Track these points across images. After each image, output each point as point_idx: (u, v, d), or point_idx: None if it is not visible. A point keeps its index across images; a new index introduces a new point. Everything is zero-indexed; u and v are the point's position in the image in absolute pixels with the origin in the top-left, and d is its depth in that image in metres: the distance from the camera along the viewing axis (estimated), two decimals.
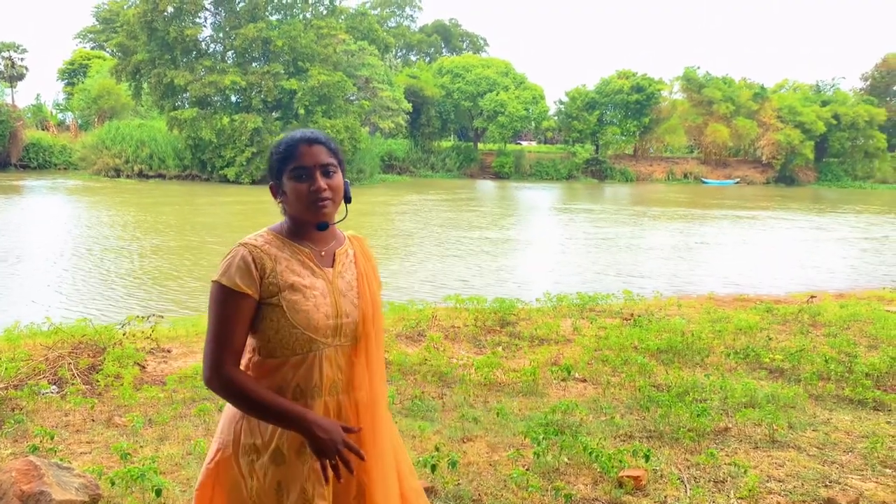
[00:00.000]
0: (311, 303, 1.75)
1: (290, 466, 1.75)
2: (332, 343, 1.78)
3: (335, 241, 1.89)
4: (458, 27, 73.90)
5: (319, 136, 1.83)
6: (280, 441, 1.75)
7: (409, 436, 4.16)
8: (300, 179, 1.78)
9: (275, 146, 1.84)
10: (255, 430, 1.76)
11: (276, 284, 1.74)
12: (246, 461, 1.76)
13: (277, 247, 1.79)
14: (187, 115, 37.21)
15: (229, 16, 39.06)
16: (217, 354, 1.70)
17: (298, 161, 1.78)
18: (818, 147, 54.15)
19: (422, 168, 50.73)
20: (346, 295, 1.83)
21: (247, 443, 1.76)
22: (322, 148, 1.81)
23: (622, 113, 53.93)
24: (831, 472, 3.75)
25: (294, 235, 1.83)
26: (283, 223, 1.86)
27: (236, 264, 1.73)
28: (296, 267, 1.78)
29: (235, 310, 1.71)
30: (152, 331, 6.46)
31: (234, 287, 1.71)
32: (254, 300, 1.73)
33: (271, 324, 1.73)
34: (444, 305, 8.68)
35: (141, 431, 4.26)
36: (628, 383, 5.30)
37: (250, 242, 1.77)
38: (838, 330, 7.24)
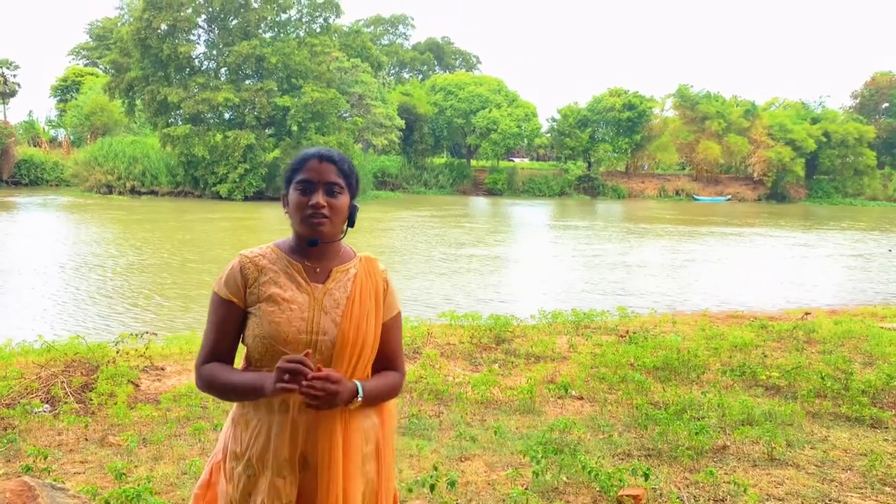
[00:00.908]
0: (283, 315, 1.76)
1: (257, 477, 1.77)
2: None
3: (337, 258, 1.87)
4: (450, 45, 74.32)
5: (333, 155, 1.82)
6: (252, 451, 1.78)
7: (406, 455, 4.13)
8: (302, 192, 1.79)
9: (290, 160, 1.88)
10: (238, 438, 1.81)
11: (257, 295, 1.79)
12: (229, 467, 1.82)
13: (270, 259, 1.82)
14: (180, 132, 37.20)
15: (223, 33, 39.18)
16: (203, 357, 1.82)
17: (305, 174, 1.79)
18: (809, 164, 54.55)
19: (415, 184, 50.82)
20: (330, 312, 1.79)
21: (233, 449, 1.82)
22: (332, 167, 1.80)
23: (614, 130, 54.23)
24: (831, 490, 3.74)
25: (292, 250, 1.86)
26: (289, 238, 1.89)
27: (227, 273, 1.82)
28: (281, 280, 1.80)
29: (220, 315, 1.80)
30: (146, 348, 6.42)
31: (221, 294, 1.80)
32: (238, 308, 1.80)
33: (250, 331, 1.79)
34: (439, 322, 8.66)
35: (135, 451, 4.21)
36: (625, 401, 5.28)
37: (245, 254, 1.84)
38: (833, 347, 7.26)
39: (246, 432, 1.78)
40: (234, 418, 1.84)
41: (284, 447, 1.74)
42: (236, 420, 1.82)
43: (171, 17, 36.74)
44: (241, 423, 1.80)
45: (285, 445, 1.74)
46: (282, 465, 1.74)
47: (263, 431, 1.76)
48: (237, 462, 1.79)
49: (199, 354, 1.82)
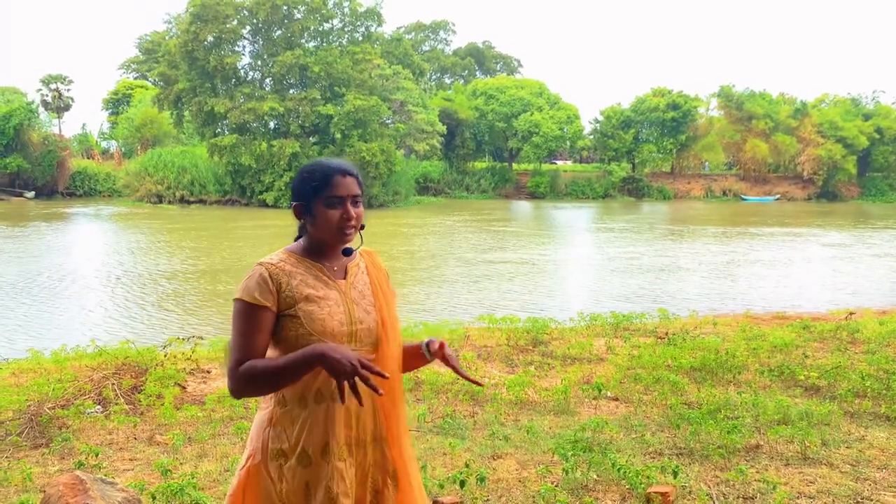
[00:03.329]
0: (325, 311, 1.89)
1: (315, 467, 1.86)
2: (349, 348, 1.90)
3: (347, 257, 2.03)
4: (491, 49, 74.35)
5: (352, 169, 1.97)
6: (305, 443, 1.86)
7: (439, 453, 4.23)
8: (333, 207, 1.92)
9: (308, 171, 1.96)
10: (282, 436, 1.88)
11: (293, 297, 1.88)
12: (274, 466, 1.87)
13: (292, 264, 1.93)
14: (227, 142, 38.01)
15: (267, 44, 39.94)
16: (237, 361, 1.84)
17: (334, 190, 1.91)
18: (861, 162, 53.12)
19: (457, 189, 50.95)
20: (359, 303, 1.96)
21: (274, 448, 1.88)
22: (353, 180, 1.95)
23: (658, 131, 53.56)
24: (864, 488, 3.72)
25: (309, 253, 1.97)
26: (299, 242, 2.00)
27: (255, 281, 1.88)
28: (310, 281, 1.92)
29: (255, 322, 1.85)
30: (192, 352, 6.64)
31: (254, 301, 1.86)
32: (272, 312, 1.87)
33: (291, 333, 1.87)
34: (478, 325, 8.74)
35: (181, 449, 4.40)
36: (660, 401, 5.30)
37: (267, 262, 1.92)
38: (877, 347, 7.12)
39: (293, 427, 1.87)
40: (271, 419, 1.89)
41: (341, 432, 1.88)
42: (276, 419, 1.89)
43: (217, 29, 37.61)
44: (283, 421, 1.88)
45: (342, 430, 1.88)
46: (342, 449, 1.87)
47: (320, 421, 1.86)
48: (286, 458, 1.86)
49: (232, 361, 1.84)
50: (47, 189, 45.00)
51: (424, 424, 4.81)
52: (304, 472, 1.86)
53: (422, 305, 11.88)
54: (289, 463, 1.86)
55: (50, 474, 3.96)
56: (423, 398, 5.51)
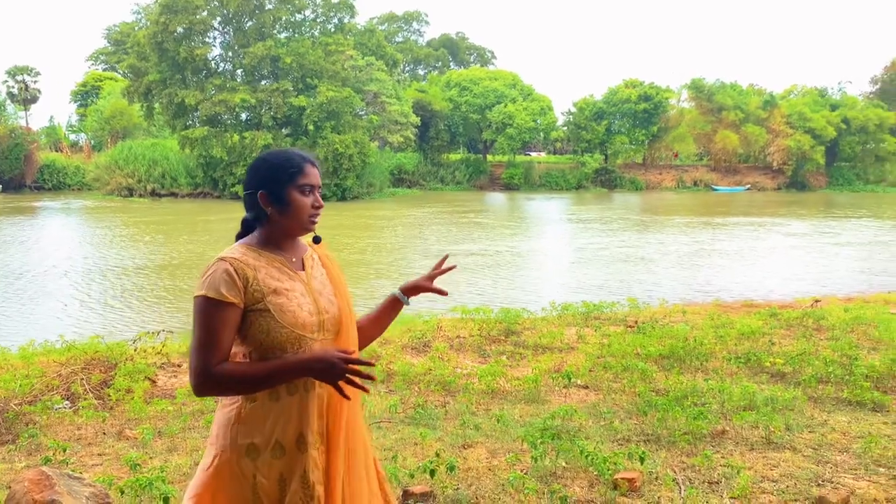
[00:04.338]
0: (294, 303, 1.89)
1: (290, 458, 1.86)
2: (317, 338, 1.92)
3: (300, 248, 2.04)
4: (465, 40, 74.29)
5: (316, 159, 2.01)
6: (280, 436, 1.86)
7: (410, 443, 4.26)
8: (305, 195, 1.94)
9: (281, 159, 1.95)
10: (253, 431, 1.86)
11: (261, 291, 1.86)
12: (247, 461, 1.85)
13: (254, 258, 1.91)
14: (198, 134, 37.61)
15: (238, 35, 39.52)
16: (204, 360, 1.80)
17: (308, 178, 1.94)
18: (829, 152, 53.93)
19: (431, 181, 50.89)
20: (322, 293, 1.98)
21: (244, 443, 1.85)
22: (318, 171, 2.00)
23: (630, 122, 53.91)
24: (825, 471, 3.81)
25: (267, 246, 1.96)
26: (254, 235, 1.97)
27: (220, 277, 1.84)
28: (274, 273, 1.91)
29: (222, 319, 1.82)
30: (163, 346, 6.60)
31: (221, 297, 1.82)
32: (239, 309, 1.84)
33: (261, 327, 1.85)
34: (451, 316, 8.77)
35: (151, 443, 4.37)
36: (629, 389, 5.37)
37: (230, 256, 1.88)
38: (841, 333, 7.27)
39: (266, 421, 1.85)
40: (240, 415, 1.86)
41: (314, 422, 1.89)
42: (245, 415, 1.86)
43: (187, 20, 37.12)
44: (254, 416, 1.86)
45: (315, 420, 1.89)
46: (316, 438, 1.89)
47: (294, 412, 1.87)
48: (259, 452, 1.85)
49: (199, 360, 1.80)
50: (14, 183, 44.23)
51: (396, 415, 4.83)
52: (279, 463, 1.85)
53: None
54: (262, 457, 1.85)
55: (16, 470, 3.92)
56: (395, 389, 5.53)
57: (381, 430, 4.55)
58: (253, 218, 1.98)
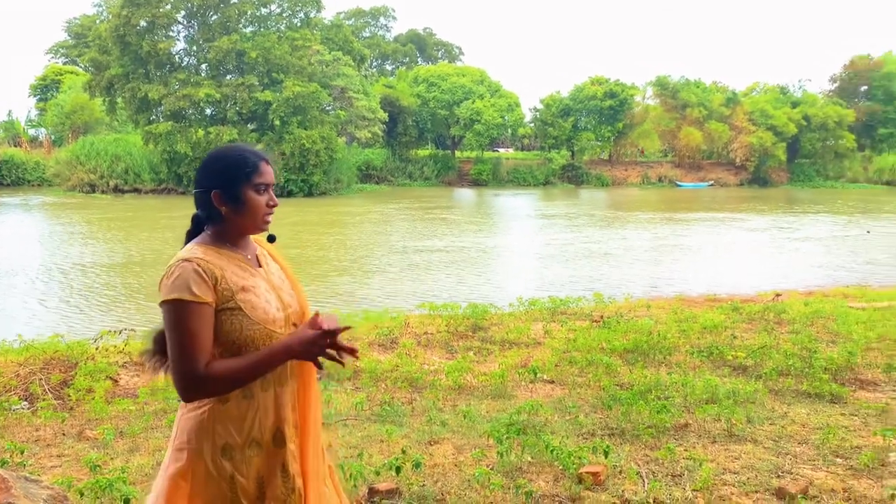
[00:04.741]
0: (262, 299, 1.89)
1: (268, 454, 1.86)
2: (284, 333, 1.91)
3: (252, 245, 2.02)
4: (432, 36, 74.11)
5: (270, 156, 1.99)
6: (256, 433, 1.85)
7: (376, 440, 4.25)
8: (261, 193, 1.91)
9: (237, 156, 1.90)
10: (228, 430, 1.83)
11: (230, 289, 1.84)
12: (224, 462, 1.82)
13: (216, 257, 1.87)
14: (162, 129, 37.01)
15: (202, 29, 38.96)
16: (191, 364, 1.75)
17: (263, 177, 1.91)
18: (790, 148, 54.85)
19: (400, 177, 50.76)
20: (283, 288, 1.99)
21: (220, 444, 1.82)
22: (272, 168, 1.97)
23: (596, 119, 54.32)
24: (784, 462, 3.88)
25: (223, 244, 1.92)
26: (207, 235, 1.93)
27: (190, 277, 1.79)
28: (237, 271, 1.89)
29: (199, 320, 1.77)
30: (125, 345, 6.49)
31: (195, 298, 1.77)
32: (212, 308, 1.81)
33: (234, 326, 1.82)
34: (418, 313, 8.77)
35: (112, 443, 4.30)
36: (594, 383, 5.42)
37: (193, 257, 1.84)
38: (802, 327, 7.41)
39: (241, 420, 1.83)
40: (212, 416, 1.82)
41: (290, 414, 1.89)
42: (217, 416, 1.82)
43: (150, 13, 36.48)
44: (227, 416, 1.83)
45: (290, 413, 1.89)
46: (291, 431, 1.89)
47: (270, 408, 1.86)
48: (234, 452, 1.82)
49: (192, 364, 1.75)
50: None
51: (362, 412, 4.82)
52: (257, 461, 1.84)
53: (362, 295, 11.84)
54: (239, 456, 1.83)
55: None
56: (362, 386, 5.51)
57: (348, 428, 4.53)
58: (205, 216, 1.93)
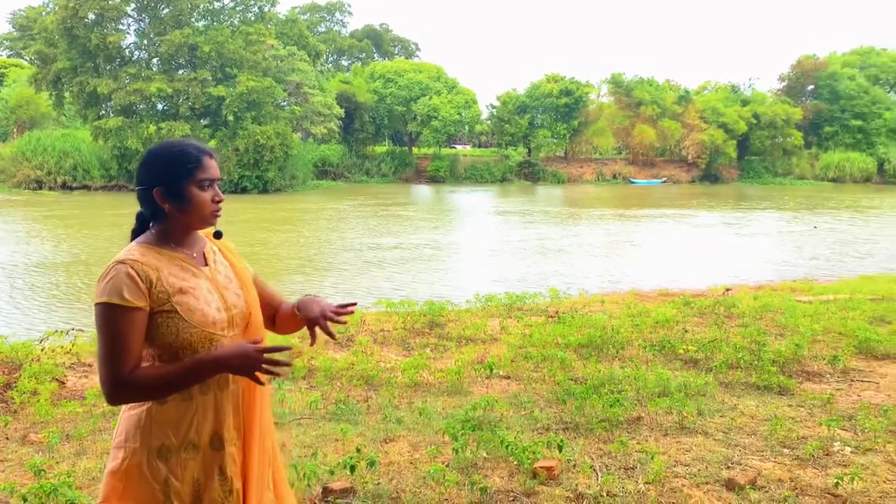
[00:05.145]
0: (201, 301, 1.84)
1: (204, 457, 1.82)
2: (227, 335, 1.87)
3: (200, 242, 1.97)
4: (388, 32, 73.86)
5: (213, 150, 1.93)
6: (193, 436, 1.81)
7: (331, 439, 4.21)
8: (205, 189, 1.86)
9: (178, 152, 1.86)
10: (164, 431, 1.80)
11: (166, 292, 1.79)
12: (158, 464, 1.79)
13: (154, 257, 1.83)
14: (112, 125, 36.22)
15: (153, 22, 38.19)
16: (116, 369, 1.73)
17: (207, 172, 1.86)
18: (740, 146, 56.09)
19: (356, 173, 50.50)
20: (229, 288, 1.93)
21: (156, 445, 1.79)
22: (216, 162, 1.92)
23: (552, 116, 54.81)
24: (734, 454, 3.96)
25: (165, 243, 1.87)
26: (150, 234, 1.88)
27: (122, 281, 1.75)
28: (177, 272, 1.84)
29: (129, 325, 1.74)
30: (72, 345, 6.32)
31: (125, 303, 1.74)
32: (145, 312, 1.76)
33: (169, 329, 1.78)
34: (375, 310, 8.73)
35: (57, 447, 4.18)
36: (549, 378, 5.46)
37: (129, 258, 1.79)
38: (751, 320, 7.57)
39: (179, 421, 1.79)
40: (150, 416, 1.80)
41: (230, 419, 1.85)
42: (155, 416, 1.79)
43: (99, 5, 35.69)
44: (165, 417, 1.80)
45: (231, 417, 1.86)
46: (232, 434, 1.86)
47: (209, 411, 1.82)
48: (170, 454, 1.79)
49: (116, 368, 1.72)
50: None
51: (317, 411, 4.77)
52: (193, 464, 1.81)
53: (314, 293, 11.73)
54: (175, 458, 1.80)
55: None
56: (317, 385, 5.46)
57: (302, 427, 4.48)
58: (149, 214, 1.88)
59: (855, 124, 58.08)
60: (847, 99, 58.66)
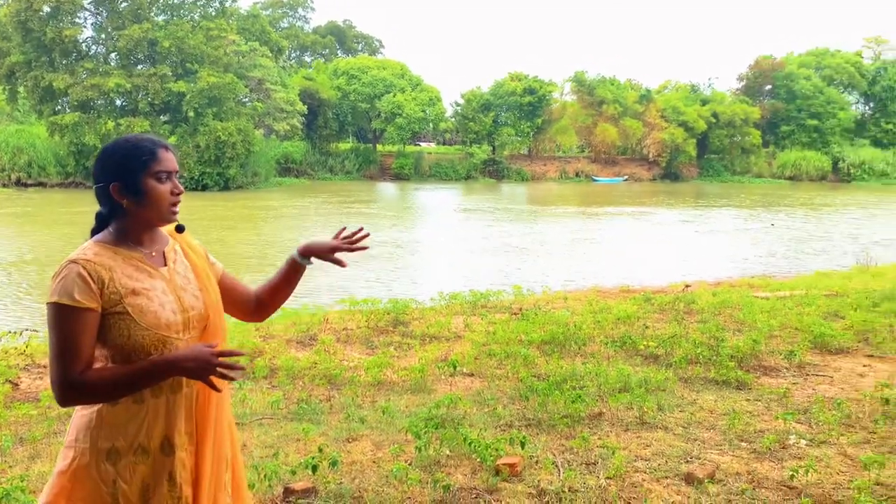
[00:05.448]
0: (156, 303, 1.80)
1: (154, 461, 1.79)
2: (183, 338, 1.83)
3: (161, 240, 1.93)
4: (352, 28, 73.45)
5: (170, 144, 1.90)
6: (143, 439, 1.77)
7: (293, 439, 4.18)
8: (163, 182, 1.83)
9: (132, 146, 1.83)
10: (114, 433, 1.76)
11: (118, 293, 1.76)
12: (107, 466, 1.76)
13: (109, 257, 1.79)
14: (69, 120, 35.44)
15: (111, 16, 37.45)
16: (66, 370, 1.70)
17: (163, 165, 1.83)
18: (700, 144, 56.97)
19: (320, 171, 50.10)
20: (186, 289, 1.89)
21: (105, 447, 1.76)
22: (173, 155, 1.88)
23: (516, 114, 55.09)
24: (693, 448, 4.02)
25: (123, 242, 1.84)
26: (108, 232, 1.85)
27: (73, 281, 1.72)
28: (132, 272, 1.80)
29: (80, 325, 1.71)
30: (26, 346, 6.18)
31: (75, 304, 1.71)
32: (97, 313, 1.73)
33: (121, 331, 1.75)
34: (338, 308, 8.68)
35: (10, 451, 4.09)
36: (512, 375, 5.49)
37: (82, 258, 1.76)
38: (710, 316, 7.70)
39: (129, 424, 1.76)
40: (100, 418, 1.77)
41: (182, 423, 1.82)
42: (106, 418, 1.77)
43: None
44: (115, 419, 1.77)
45: (183, 421, 1.82)
46: (184, 439, 1.82)
47: (160, 414, 1.79)
48: (120, 457, 1.76)
49: (66, 369, 1.69)
50: None
51: (279, 411, 4.73)
52: (142, 468, 1.78)
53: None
54: (124, 461, 1.76)
55: None
56: (278, 384, 5.41)
57: (263, 427, 4.44)
58: (108, 212, 1.84)
59: (811, 124, 59.36)
60: (803, 99, 59.92)
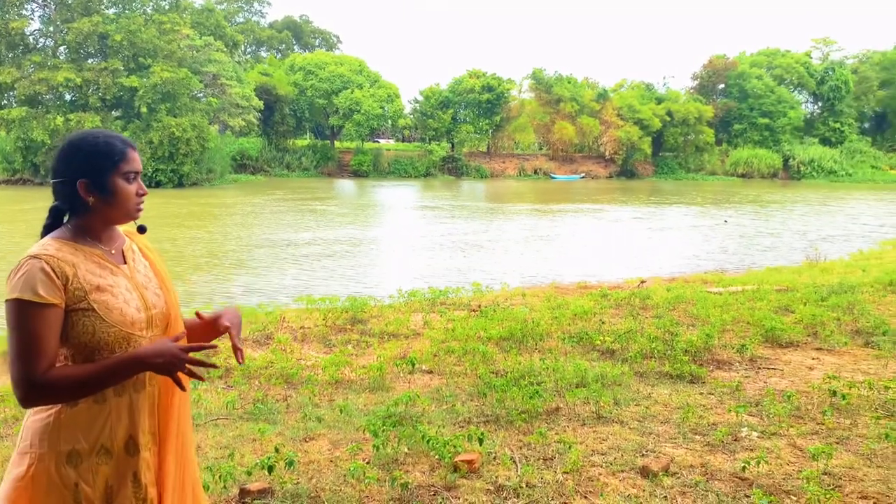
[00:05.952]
0: (120, 300, 1.77)
1: (118, 462, 1.75)
2: (146, 335, 1.81)
3: (118, 239, 1.90)
4: (309, 24, 72.86)
5: (134, 143, 1.89)
6: (106, 440, 1.74)
7: (248, 439, 4.12)
8: (130, 182, 1.82)
9: (102, 144, 1.80)
10: (75, 435, 1.72)
11: (82, 289, 1.72)
12: (68, 469, 1.71)
13: (71, 253, 1.76)
14: (16, 115, 34.48)
15: (60, 9, 36.53)
16: (29, 369, 1.65)
17: (132, 165, 1.82)
18: (655, 142, 57.92)
19: (277, 167, 49.62)
20: (148, 287, 1.87)
21: (65, 450, 1.72)
22: (138, 155, 1.87)
23: (475, 111, 55.31)
24: (648, 442, 4.07)
25: (82, 239, 1.81)
26: (66, 229, 1.81)
27: (36, 277, 1.68)
28: (95, 269, 1.77)
29: (44, 322, 1.67)
30: None
31: (39, 300, 1.66)
32: (61, 310, 1.70)
33: (85, 328, 1.71)
34: (296, 307, 8.60)
35: None
36: (470, 371, 5.50)
37: (44, 254, 1.72)
38: (664, 311, 7.81)
39: (91, 425, 1.72)
40: (59, 419, 1.72)
41: (146, 422, 1.79)
42: (65, 420, 1.72)
43: None
44: (76, 420, 1.72)
45: (147, 420, 1.79)
46: (147, 438, 1.79)
47: (123, 414, 1.75)
48: (81, 459, 1.71)
49: (29, 367, 1.64)
50: None
51: (234, 411, 4.66)
52: (106, 469, 1.74)
53: (224, 291, 11.49)
54: (85, 463, 1.72)
55: None
56: (234, 384, 5.34)
57: (218, 428, 4.37)
58: (68, 208, 1.81)
59: (762, 122, 60.78)
60: (755, 98, 61.30)
